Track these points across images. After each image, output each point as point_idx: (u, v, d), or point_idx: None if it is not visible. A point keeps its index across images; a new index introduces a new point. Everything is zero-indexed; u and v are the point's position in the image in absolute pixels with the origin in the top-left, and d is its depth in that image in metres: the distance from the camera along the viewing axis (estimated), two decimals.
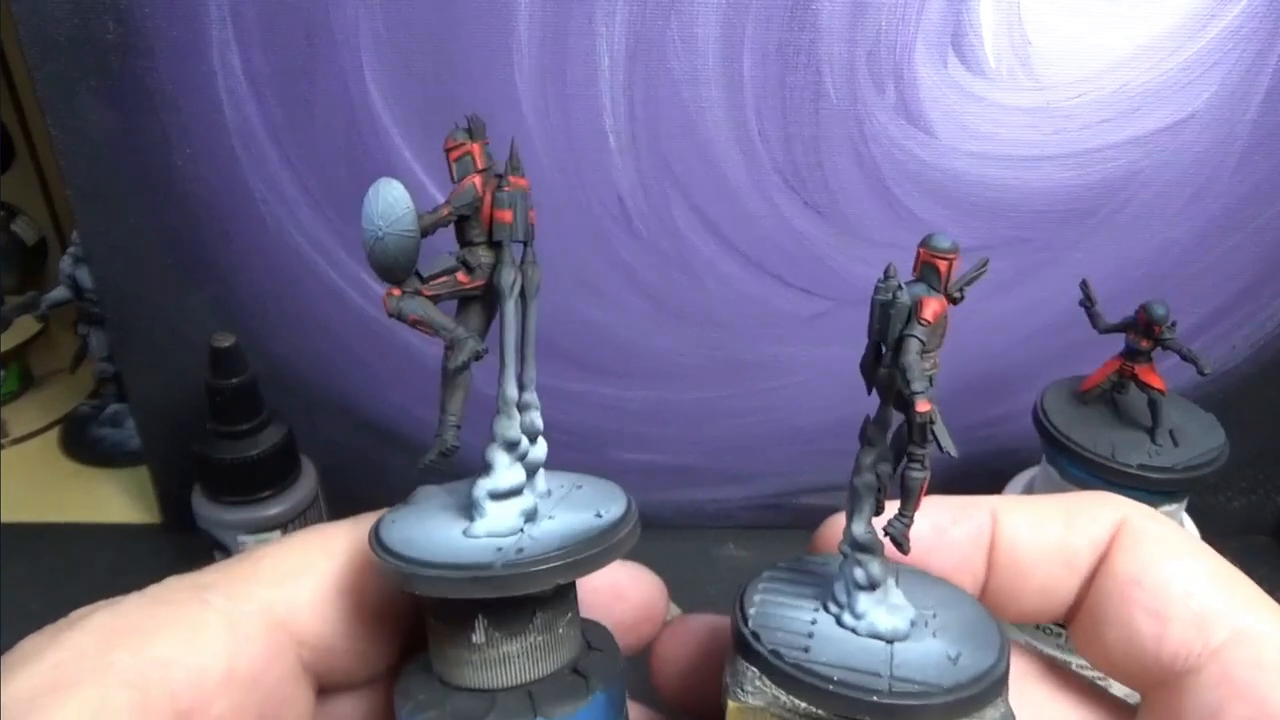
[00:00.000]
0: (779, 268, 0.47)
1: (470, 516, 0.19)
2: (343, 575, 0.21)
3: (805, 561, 0.22)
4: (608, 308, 0.48)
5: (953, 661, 0.18)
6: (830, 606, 0.20)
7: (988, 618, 0.20)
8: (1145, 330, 0.40)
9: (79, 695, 0.16)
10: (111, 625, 0.18)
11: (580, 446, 0.52)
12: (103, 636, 0.18)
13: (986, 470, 0.51)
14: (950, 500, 0.23)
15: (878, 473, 0.20)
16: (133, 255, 0.47)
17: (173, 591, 0.19)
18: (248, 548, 0.39)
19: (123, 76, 0.42)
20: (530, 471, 0.20)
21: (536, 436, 0.20)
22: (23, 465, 0.61)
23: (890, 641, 0.19)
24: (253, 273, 0.47)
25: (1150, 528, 0.21)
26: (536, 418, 0.20)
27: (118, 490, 0.59)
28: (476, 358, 0.20)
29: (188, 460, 0.45)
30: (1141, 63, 0.43)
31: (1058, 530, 0.22)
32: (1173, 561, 0.20)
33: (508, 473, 0.19)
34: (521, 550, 0.18)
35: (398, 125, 0.44)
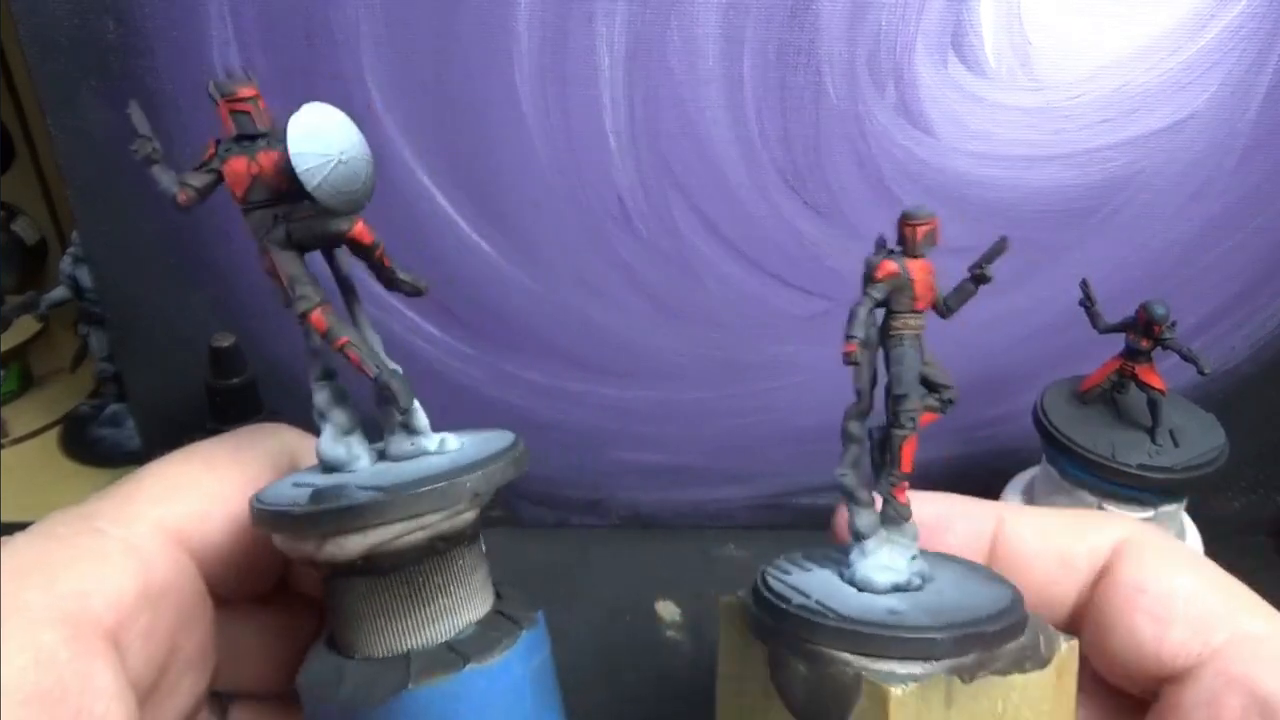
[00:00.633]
0: (779, 268, 0.47)
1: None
2: (226, 486, 0.22)
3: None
4: (608, 308, 0.48)
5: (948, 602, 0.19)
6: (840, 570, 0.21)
7: (1001, 579, 0.21)
8: (1145, 330, 0.40)
9: (9, 645, 0.16)
10: (11, 567, 0.18)
11: (580, 446, 0.52)
12: (6, 580, 0.17)
13: (986, 470, 0.51)
14: (962, 498, 0.24)
15: (869, 430, 0.21)
16: (133, 255, 0.47)
17: (62, 525, 0.20)
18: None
19: (123, 76, 0.42)
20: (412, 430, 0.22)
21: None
22: (23, 465, 0.61)
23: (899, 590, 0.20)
24: (253, 273, 0.47)
25: (1154, 541, 0.22)
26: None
27: None
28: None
29: None
30: (1141, 63, 0.43)
31: (1060, 536, 0.23)
32: (1175, 570, 0.21)
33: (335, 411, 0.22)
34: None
35: (398, 125, 0.44)
